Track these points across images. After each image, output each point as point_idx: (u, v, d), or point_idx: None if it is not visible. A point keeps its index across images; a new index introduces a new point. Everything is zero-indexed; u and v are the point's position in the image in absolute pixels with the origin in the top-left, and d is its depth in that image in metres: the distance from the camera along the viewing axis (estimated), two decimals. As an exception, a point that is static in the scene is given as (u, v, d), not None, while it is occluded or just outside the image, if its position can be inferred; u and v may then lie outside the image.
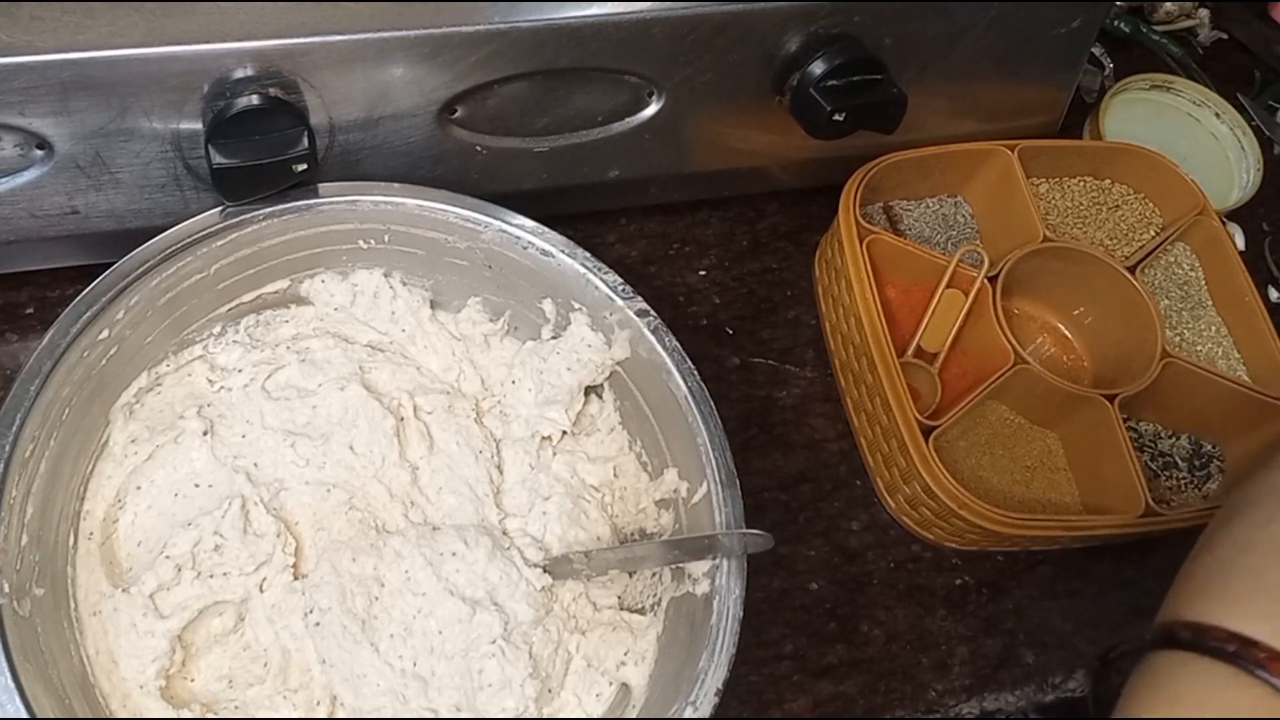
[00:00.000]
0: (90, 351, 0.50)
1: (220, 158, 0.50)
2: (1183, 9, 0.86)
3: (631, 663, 0.53)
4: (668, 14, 0.54)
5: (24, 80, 0.48)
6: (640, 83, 0.58)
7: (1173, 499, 0.65)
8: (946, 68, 0.64)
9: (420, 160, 0.57)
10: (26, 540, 0.47)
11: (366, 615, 0.51)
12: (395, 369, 0.58)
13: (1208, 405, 0.64)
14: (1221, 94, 0.81)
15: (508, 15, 0.53)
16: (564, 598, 0.54)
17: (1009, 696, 0.60)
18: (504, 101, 0.57)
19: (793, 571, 0.61)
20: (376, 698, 0.50)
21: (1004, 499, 0.63)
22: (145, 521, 0.53)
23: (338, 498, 0.54)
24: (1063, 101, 0.71)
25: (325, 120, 0.54)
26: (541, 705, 0.51)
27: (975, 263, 0.64)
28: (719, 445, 0.51)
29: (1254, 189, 0.77)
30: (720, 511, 0.51)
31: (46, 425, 0.48)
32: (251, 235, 0.54)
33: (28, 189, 0.53)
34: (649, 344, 0.54)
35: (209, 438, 0.54)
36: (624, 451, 0.58)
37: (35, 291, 0.61)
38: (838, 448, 0.65)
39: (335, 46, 0.51)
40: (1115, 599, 0.63)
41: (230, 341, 0.57)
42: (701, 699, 0.47)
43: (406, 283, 0.59)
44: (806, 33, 0.58)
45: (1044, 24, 0.64)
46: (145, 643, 0.49)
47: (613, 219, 0.70)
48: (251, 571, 0.51)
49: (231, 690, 0.51)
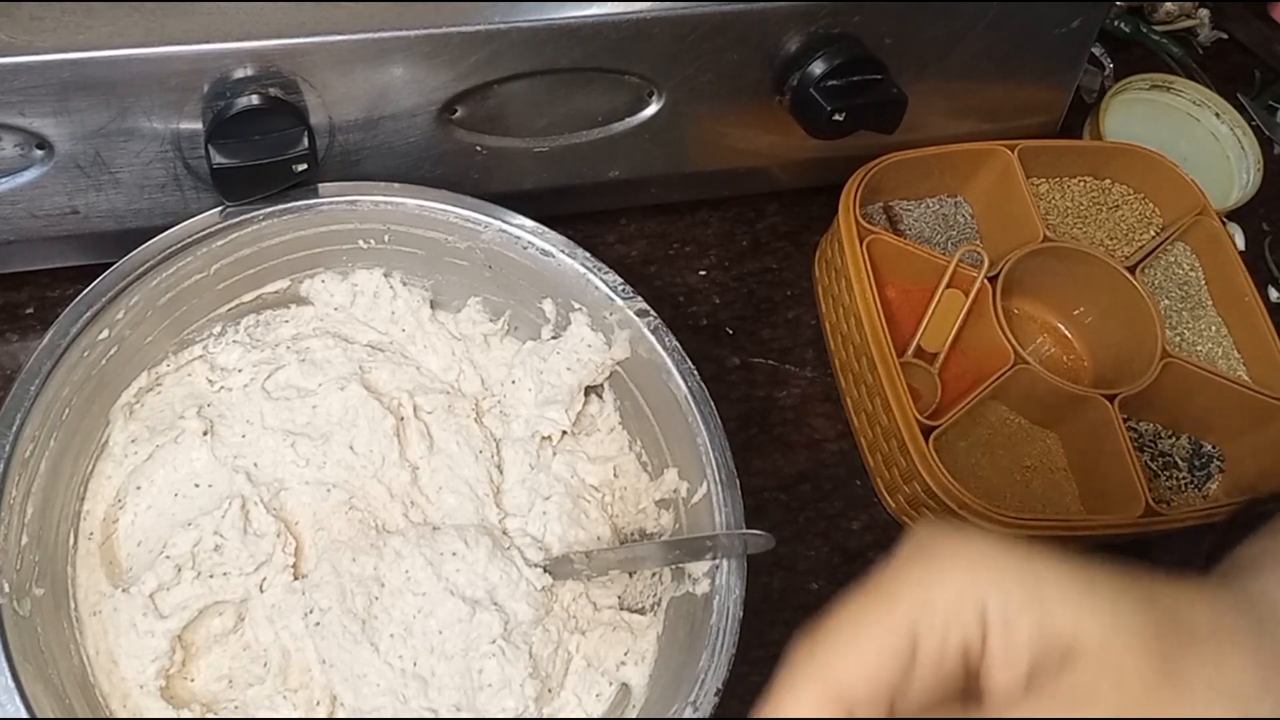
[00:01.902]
0: (90, 351, 0.50)
1: (220, 158, 0.50)
2: (1183, 9, 0.86)
3: (631, 663, 0.53)
4: (668, 14, 0.54)
5: (24, 80, 0.48)
6: (640, 83, 0.58)
7: (1173, 499, 0.65)
8: (946, 68, 0.63)
9: (420, 160, 0.57)
10: (26, 540, 0.47)
11: (366, 615, 0.51)
12: (395, 369, 0.58)
13: (1208, 405, 0.64)
14: (1221, 94, 0.81)
15: (508, 15, 0.53)
16: (564, 598, 0.54)
17: (1009, 696, 0.60)
18: (504, 101, 0.57)
19: (793, 571, 0.61)
20: (376, 698, 0.50)
21: (1004, 499, 0.63)
22: (145, 521, 0.53)
23: (338, 497, 0.54)
24: (1063, 101, 0.71)
25: (325, 120, 0.54)
26: (541, 705, 0.51)
27: (975, 263, 0.64)
28: (719, 445, 0.51)
29: (1254, 189, 0.77)
30: (720, 511, 0.51)
31: (46, 425, 0.48)
32: (251, 235, 0.54)
33: (28, 189, 0.53)
34: (649, 344, 0.54)
35: (209, 438, 0.54)
36: (624, 451, 0.58)
37: (35, 291, 0.61)
38: (838, 448, 0.65)
39: (335, 46, 0.51)
40: (1115, 599, 0.63)
41: (230, 341, 0.57)
42: (701, 699, 0.47)
43: (406, 283, 0.59)
44: (806, 33, 0.58)
45: (1044, 24, 0.64)
46: (145, 643, 0.49)
47: (613, 219, 0.70)
48: (251, 571, 0.51)
49: (231, 690, 0.51)
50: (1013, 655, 0.28)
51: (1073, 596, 0.29)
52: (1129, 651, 0.28)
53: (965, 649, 0.29)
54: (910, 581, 0.29)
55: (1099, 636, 0.28)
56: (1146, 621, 0.28)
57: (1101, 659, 0.28)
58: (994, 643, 0.29)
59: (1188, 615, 0.30)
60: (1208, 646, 0.29)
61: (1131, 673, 0.27)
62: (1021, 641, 0.28)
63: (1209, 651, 0.29)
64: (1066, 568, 0.29)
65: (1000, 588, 0.29)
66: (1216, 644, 0.29)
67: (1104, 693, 0.27)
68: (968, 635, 0.29)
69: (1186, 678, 0.28)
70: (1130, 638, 0.28)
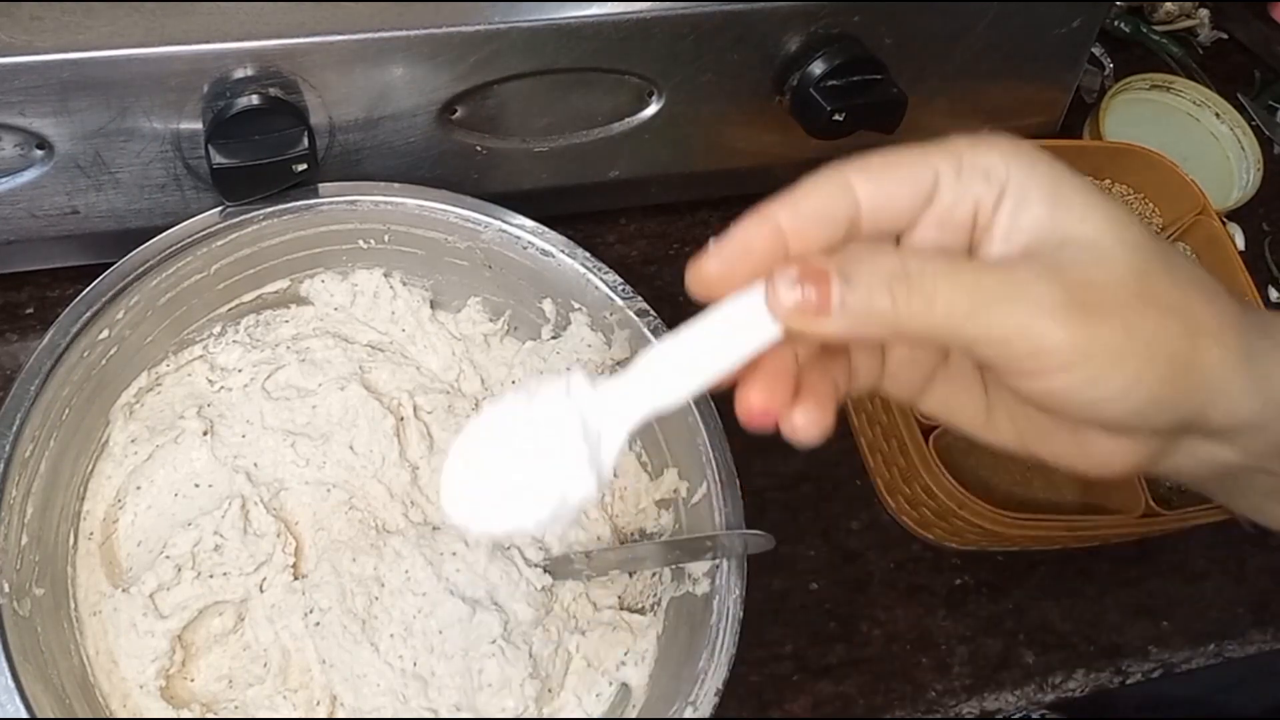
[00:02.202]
0: (90, 351, 0.50)
1: (220, 158, 0.50)
2: (1183, 9, 0.86)
3: (631, 663, 0.53)
4: (668, 14, 0.54)
5: (24, 80, 0.48)
6: (640, 83, 0.58)
7: (1173, 499, 0.65)
8: (946, 68, 0.63)
9: (420, 160, 0.57)
10: (26, 540, 0.47)
11: (366, 615, 0.51)
12: (395, 369, 0.58)
13: (1208, 405, 0.64)
14: (1221, 94, 0.81)
15: (508, 15, 0.53)
16: (564, 598, 0.54)
17: (1009, 696, 0.60)
18: (504, 101, 0.57)
19: (793, 571, 0.61)
20: (376, 698, 0.50)
21: (1004, 499, 0.63)
22: (145, 521, 0.53)
23: (338, 497, 0.54)
24: (1063, 101, 0.71)
25: (325, 120, 0.54)
26: (541, 705, 0.51)
27: (975, 263, 0.64)
28: (719, 445, 0.51)
29: (1254, 189, 0.77)
30: (720, 511, 0.51)
31: (46, 425, 0.48)
32: (251, 235, 0.54)
33: (28, 189, 0.53)
34: (649, 344, 0.54)
35: (209, 438, 0.54)
36: (624, 451, 0.58)
37: (35, 291, 0.61)
38: (838, 448, 0.65)
39: (335, 46, 0.51)
40: (1115, 599, 0.63)
41: (230, 341, 0.57)
42: (701, 699, 0.47)
43: (406, 283, 0.59)
44: (806, 33, 0.58)
45: (1044, 24, 0.64)
46: (145, 643, 0.49)
47: (613, 219, 0.69)
48: (251, 571, 0.51)
49: (231, 690, 0.51)
50: (1015, 233, 0.31)
51: (1088, 201, 0.31)
52: (1122, 248, 0.30)
53: (976, 209, 0.31)
54: (948, 145, 0.31)
55: (1095, 234, 0.30)
56: (1147, 240, 0.31)
57: (1094, 249, 0.30)
58: (1002, 215, 0.31)
59: (1191, 266, 0.31)
60: (1197, 285, 0.31)
61: (1120, 264, 0.30)
62: (1026, 223, 0.31)
63: (1198, 289, 0.31)
64: (1092, 186, 0.31)
65: (1026, 172, 0.31)
66: (1208, 286, 0.31)
67: (1087, 268, 0.30)
68: (982, 198, 0.31)
69: (1165, 296, 0.30)
70: (1126, 244, 0.30)
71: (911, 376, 0.35)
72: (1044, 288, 0.29)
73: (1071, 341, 0.29)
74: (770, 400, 0.31)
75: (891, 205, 0.31)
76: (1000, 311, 0.29)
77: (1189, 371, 0.30)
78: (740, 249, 0.31)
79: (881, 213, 0.31)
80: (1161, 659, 0.63)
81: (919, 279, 0.29)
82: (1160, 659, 0.63)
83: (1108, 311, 0.29)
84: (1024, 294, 0.29)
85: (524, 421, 0.32)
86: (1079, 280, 0.29)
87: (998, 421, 0.35)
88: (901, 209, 0.31)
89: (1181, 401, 0.30)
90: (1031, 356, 0.29)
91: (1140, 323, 0.29)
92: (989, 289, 0.29)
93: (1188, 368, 0.30)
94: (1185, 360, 0.30)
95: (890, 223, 0.32)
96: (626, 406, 0.32)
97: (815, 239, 0.31)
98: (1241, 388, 0.31)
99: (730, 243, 0.31)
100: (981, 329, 0.29)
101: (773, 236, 0.31)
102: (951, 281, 0.29)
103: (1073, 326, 0.29)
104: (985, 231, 0.31)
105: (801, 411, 0.32)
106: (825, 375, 0.33)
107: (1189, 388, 0.30)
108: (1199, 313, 0.30)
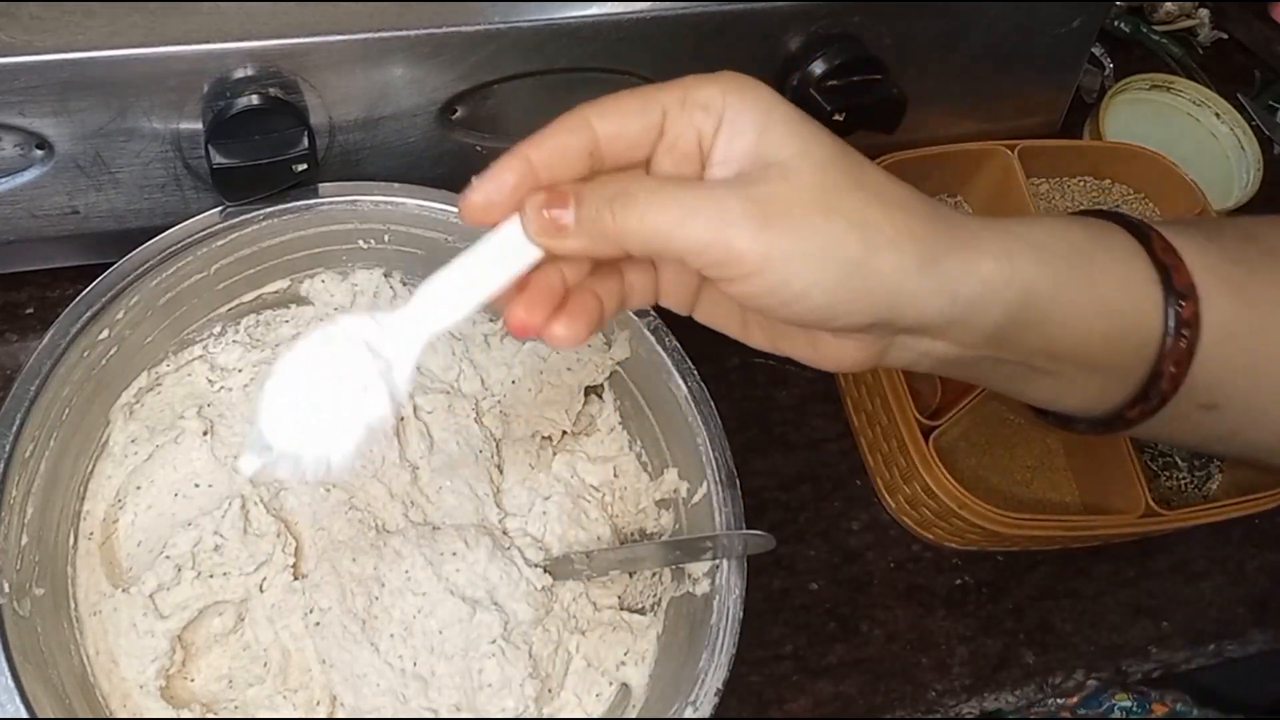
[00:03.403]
0: (90, 351, 0.50)
1: (220, 158, 0.50)
2: (1183, 9, 0.86)
3: (631, 663, 0.53)
4: (668, 14, 0.54)
5: (24, 80, 0.48)
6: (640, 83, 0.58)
7: (1173, 499, 0.65)
8: (946, 68, 0.63)
9: (420, 160, 0.57)
10: (26, 540, 0.47)
11: (366, 615, 0.51)
12: (395, 369, 0.58)
13: (1208, 405, 0.64)
14: (1221, 94, 0.81)
15: (508, 15, 0.53)
16: (564, 598, 0.54)
17: (1009, 696, 0.60)
18: (504, 101, 0.57)
19: (793, 571, 0.61)
20: (376, 698, 0.50)
21: (1004, 499, 0.63)
22: (145, 521, 0.53)
23: (337, 497, 0.54)
24: (1063, 101, 0.71)
25: (325, 120, 0.54)
26: (541, 705, 0.51)
27: (975, 263, 0.64)
28: (719, 445, 0.51)
29: (1254, 189, 0.77)
30: (720, 511, 0.51)
31: (46, 425, 0.48)
32: (251, 235, 0.54)
33: (28, 189, 0.53)
34: (649, 344, 0.54)
35: (209, 438, 0.54)
36: (624, 451, 0.58)
37: (35, 291, 0.61)
38: (838, 448, 0.65)
39: (335, 46, 0.51)
40: (1115, 599, 0.63)
41: (230, 341, 0.57)
42: (701, 699, 0.47)
43: (406, 283, 0.59)
44: (806, 33, 0.58)
45: (1044, 24, 0.64)
46: (145, 643, 0.49)
47: (613, 219, 0.69)
48: (251, 571, 0.51)
49: (231, 690, 0.51)
50: (730, 159, 0.35)
51: (789, 129, 0.35)
52: (808, 164, 0.34)
53: (699, 139, 0.35)
54: (677, 82, 0.36)
55: (788, 155, 0.34)
56: (835, 159, 0.35)
57: (783, 167, 0.34)
58: (719, 143, 0.35)
59: (883, 183, 0.36)
60: (880, 199, 0.35)
61: (805, 179, 0.34)
62: (739, 150, 0.35)
63: (880, 202, 0.35)
64: (799, 115, 0.35)
65: (740, 104, 0.35)
66: (894, 199, 0.35)
67: (774, 183, 0.34)
68: (703, 128, 0.35)
69: (845, 208, 0.34)
70: (812, 160, 0.34)
71: (680, 292, 0.39)
72: (734, 202, 0.33)
73: (754, 248, 0.33)
74: (530, 316, 0.35)
75: (625, 138, 0.35)
76: (698, 224, 0.33)
77: (864, 275, 0.34)
78: (496, 182, 0.35)
79: (617, 144, 0.35)
80: (1161, 659, 0.63)
81: (633, 197, 0.34)
82: (1160, 659, 0.63)
83: (789, 222, 0.33)
84: (718, 208, 0.33)
85: (323, 361, 0.35)
86: (765, 194, 0.33)
87: (751, 328, 0.39)
88: (634, 141, 0.36)
89: (864, 303, 0.34)
90: (726, 264, 0.33)
91: (816, 232, 0.33)
92: (689, 204, 0.33)
93: (862, 271, 0.34)
94: (859, 265, 0.33)
95: (626, 154, 0.36)
96: (411, 332, 0.35)
97: (561, 170, 0.35)
98: (924, 289, 0.34)
99: (488, 176, 0.35)
100: (686, 240, 0.33)
101: (523, 169, 0.35)
102: (660, 198, 0.33)
103: (756, 234, 0.33)
104: (708, 158, 0.36)
105: (561, 325, 0.36)
106: (591, 293, 0.37)
107: (866, 289, 0.34)
108: (878, 222, 0.34)
